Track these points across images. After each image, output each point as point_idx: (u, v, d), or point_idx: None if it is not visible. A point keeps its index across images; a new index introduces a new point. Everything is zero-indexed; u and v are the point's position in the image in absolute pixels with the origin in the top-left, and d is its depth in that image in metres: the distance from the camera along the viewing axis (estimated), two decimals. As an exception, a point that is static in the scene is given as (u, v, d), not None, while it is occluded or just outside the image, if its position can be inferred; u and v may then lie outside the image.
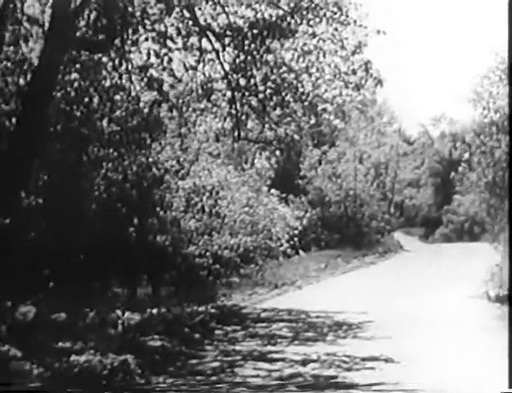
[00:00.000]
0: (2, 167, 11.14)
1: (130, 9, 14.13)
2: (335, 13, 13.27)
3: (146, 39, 13.78)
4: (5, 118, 13.52)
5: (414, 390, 8.29)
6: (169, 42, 14.97)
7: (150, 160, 17.01)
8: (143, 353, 10.30)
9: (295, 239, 23.54)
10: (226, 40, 15.09)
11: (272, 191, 24.66)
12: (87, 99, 15.01)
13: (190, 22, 14.79)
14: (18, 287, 11.65)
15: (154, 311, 13.51)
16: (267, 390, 8.73)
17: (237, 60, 15.38)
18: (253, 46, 15.08)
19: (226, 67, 15.49)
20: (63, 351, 10.27)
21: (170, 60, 13.99)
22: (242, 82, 15.57)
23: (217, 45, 15.13)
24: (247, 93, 15.72)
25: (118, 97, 15.67)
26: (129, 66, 15.09)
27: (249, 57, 15.21)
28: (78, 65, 14.18)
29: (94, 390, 8.84)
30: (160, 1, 13.19)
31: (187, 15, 14.80)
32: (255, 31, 14.87)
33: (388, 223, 32.73)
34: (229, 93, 15.77)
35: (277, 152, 19.38)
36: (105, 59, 14.89)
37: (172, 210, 17.35)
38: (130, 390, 8.79)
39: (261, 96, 15.69)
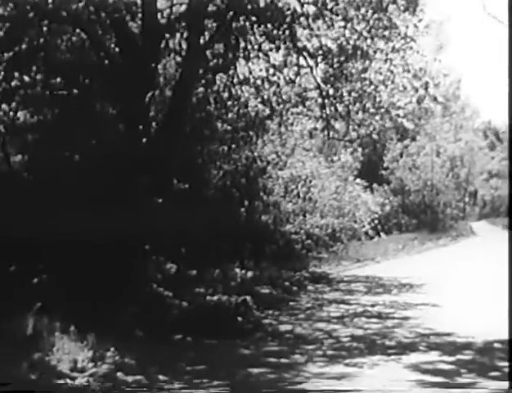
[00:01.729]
0: (154, 161, 15.07)
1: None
2: (404, 43, 16.69)
3: (260, 70, 17.43)
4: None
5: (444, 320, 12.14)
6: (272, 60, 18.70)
7: (256, 154, 20.50)
8: (257, 296, 14.31)
9: (376, 222, 26.98)
10: (319, 58, 18.30)
11: (358, 180, 28.08)
12: (208, 107, 18.90)
13: (290, 44, 18.23)
14: (162, 249, 15.69)
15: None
16: (344, 319, 12.65)
17: (327, 75, 18.66)
18: (340, 63, 18.42)
19: (319, 80, 18.57)
20: (199, 294, 14.31)
21: (278, 86, 17.57)
22: (331, 91, 18.27)
23: (311, 62, 18.11)
24: (335, 101, 18.84)
25: (230, 103, 19.36)
26: (240, 79, 18.78)
27: (337, 72, 18.54)
28: (203, 81, 18.09)
29: (225, 318, 12.77)
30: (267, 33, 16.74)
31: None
32: (342, 52, 18.23)
33: (463, 210, 35.65)
34: (320, 100, 18.41)
35: (359, 149, 22.81)
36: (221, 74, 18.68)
37: (273, 195, 21.00)
38: (251, 316, 12.77)
39: (346, 103, 18.80)
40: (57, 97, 15.90)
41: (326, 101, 18.37)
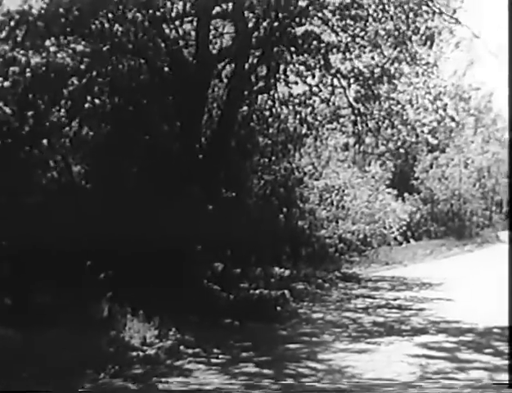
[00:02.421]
0: (205, 172, 17.30)
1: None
2: (426, 69, 18.66)
3: (298, 95, 19.52)
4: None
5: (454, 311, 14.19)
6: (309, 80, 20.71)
7: (293, 165, 22.55)
8: (294, 290, 16.46)
9: (404, 228, 28.91)
10: (351, 80, 20.20)
11: (389, 190, 30.01)
12: (251, 123, 21.02)
13: (324, 71, 20.13)
14: (211, 250, 17.87)
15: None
16: (368, 310, 14.76)
17: (359, 94, 20.57)
18: (370, 85, 20.34)
19: (351, 99, 20.45)
20: (243, 288, 16.48)
21: (313, 108, 19.63)
22: (362, 110, 20.32)
23: (344, 83, 20.01)
24: (366, 118, 20.64)
25: (270, 120, 21.41)
26: (281, 99, 20.85)
27: (368, 92, 20.46)
28: (247, 101, 20.23)
29: (267, 309, 14.90)
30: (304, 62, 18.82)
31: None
32: (372, 75, 20.17)
33: (489, 219, 37.29)
34: (352, 118, 20.16)
35: (388, 161, 24.82)
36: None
37: (309, 202, 23.00)
38: (288, 306, 14.94)
39: (376, 120, 20.76)
40: (118, 115, 18.13)
41: (358, 118, 20.10)
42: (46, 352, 10.25)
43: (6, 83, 13.90)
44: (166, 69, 17.86)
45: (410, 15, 16.96)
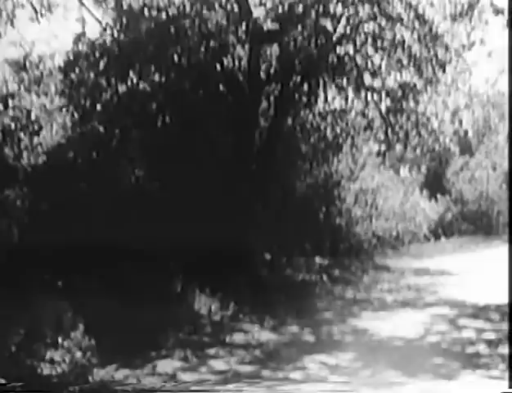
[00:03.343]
0: (256, 176, 20.50)
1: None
2: (446, 86, 21.61)
3: (335, 110, 22.63)
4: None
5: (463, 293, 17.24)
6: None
7: (332, 169, 25.94)
8: (331, 276, 19.66)
9: (435, 227, 31.79)
10: (383, 95, 23.31)
11: (422, 191, 32.90)
12: (295, 134, 24.17)
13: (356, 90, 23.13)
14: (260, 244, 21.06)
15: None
16: (392, 291, 17.89)
17: (389, 107, 23.65)
18: (399, 99, 23.27)
19: (383, 111, 23.74)
20: (288, 275, 19.69)
21: (347, 124, 22.71)
22: (392, 120, 23.65)
23: (376, 98, 23.43)
24: (396, 128, 23.91)
25: (311, 130, 24.49)
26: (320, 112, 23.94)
27: (397, 106, 23.41)
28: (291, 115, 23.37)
29: (307, 289, 18.10)
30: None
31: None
32: (401, 90, 23.11)
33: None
34: (384, 128, 23.34)
35: (415, 166, 27.80)
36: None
37: (346, 202, 26.26)
38: (325, 288, 18.13)
39: (405, 130, 23.84)
40: (180, 129, 21.31)
41: (389, 128, 22.78)
42: (136, 317, 13.47)
43: (98, 107, 17.33)
44: (222, 88, 21.05)
45: (429, 43, 19.97)
